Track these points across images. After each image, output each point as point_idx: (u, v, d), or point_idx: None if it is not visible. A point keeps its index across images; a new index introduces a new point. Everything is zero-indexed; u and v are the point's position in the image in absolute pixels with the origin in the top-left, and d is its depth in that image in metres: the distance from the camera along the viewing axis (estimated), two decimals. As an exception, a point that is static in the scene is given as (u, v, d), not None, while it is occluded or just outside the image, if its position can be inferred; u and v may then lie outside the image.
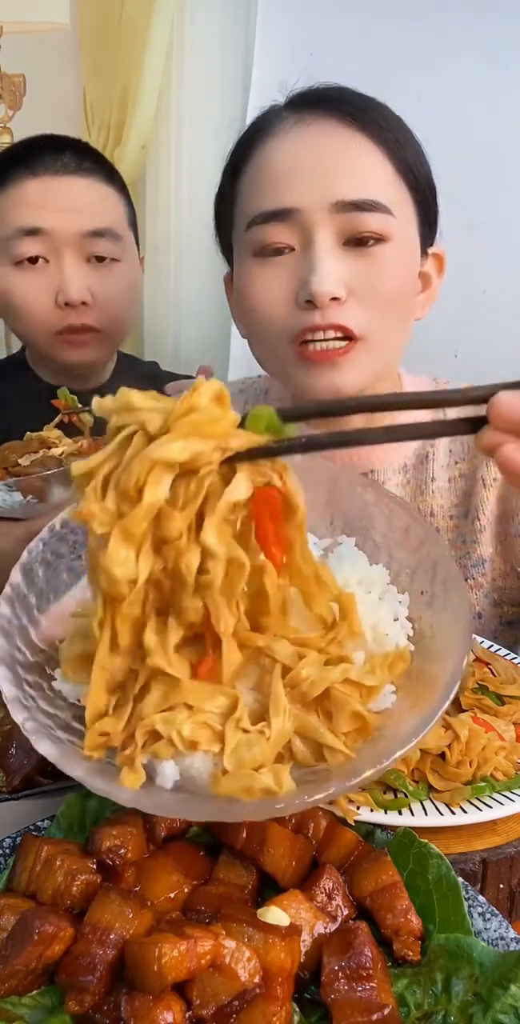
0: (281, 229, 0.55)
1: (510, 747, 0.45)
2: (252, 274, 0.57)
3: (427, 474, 0.65)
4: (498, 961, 0.30)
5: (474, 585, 0.66)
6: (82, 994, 0.29)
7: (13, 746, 0.41)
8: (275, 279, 0.56)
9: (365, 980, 0.29)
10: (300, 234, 0.55)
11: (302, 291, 0.54)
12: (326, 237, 0.54)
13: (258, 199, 0.56)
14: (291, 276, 0.55)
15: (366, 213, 0.54)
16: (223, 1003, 0.28)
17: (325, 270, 0.53)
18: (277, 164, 0.55)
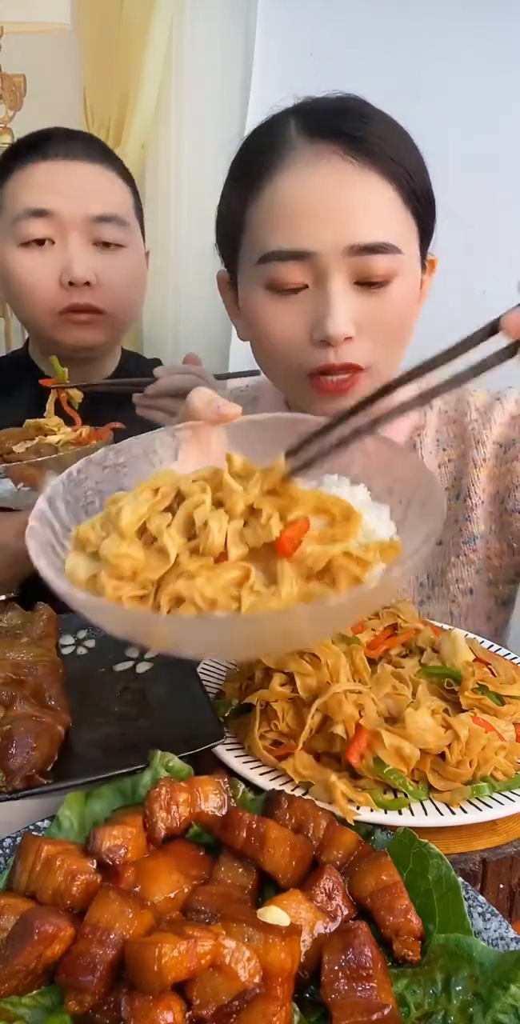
0: (296, 268, 0.56)
1: (510, 747, 0.45)
2: (266, 308, 0.59)
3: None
4: (498, 961, 0.30)
5: (466, 561, 0.67)
6: (82, 994, 0.29)
7: (13, 746, 0.41)
8: (289, 315, 0.58)
9: (365, 980, 0.29)
10: (314, 273, 0.57)
11: (317, 330, 0.57)
12: (339, 279, 0.56)
13: (272, 236, 0.57)
14: (305, 314, 0.57)
15: (378, 255, 0.56)
16: (223, 1003, 0.28)
17: (339, 312, 0.55)
18: (292, 203, 0.56)
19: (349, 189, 0.56)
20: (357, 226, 0.55)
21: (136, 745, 0.44)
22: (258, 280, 0.59)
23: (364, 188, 0.56)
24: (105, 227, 0.81)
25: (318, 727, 0.46)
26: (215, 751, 0.45)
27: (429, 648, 0.53)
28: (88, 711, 0.48)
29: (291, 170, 0.57)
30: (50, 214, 0.79)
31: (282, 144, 0.58)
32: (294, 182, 0.56)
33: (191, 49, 1.19)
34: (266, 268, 0.58)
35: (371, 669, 0.50)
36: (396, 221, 0.58)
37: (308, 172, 0.56)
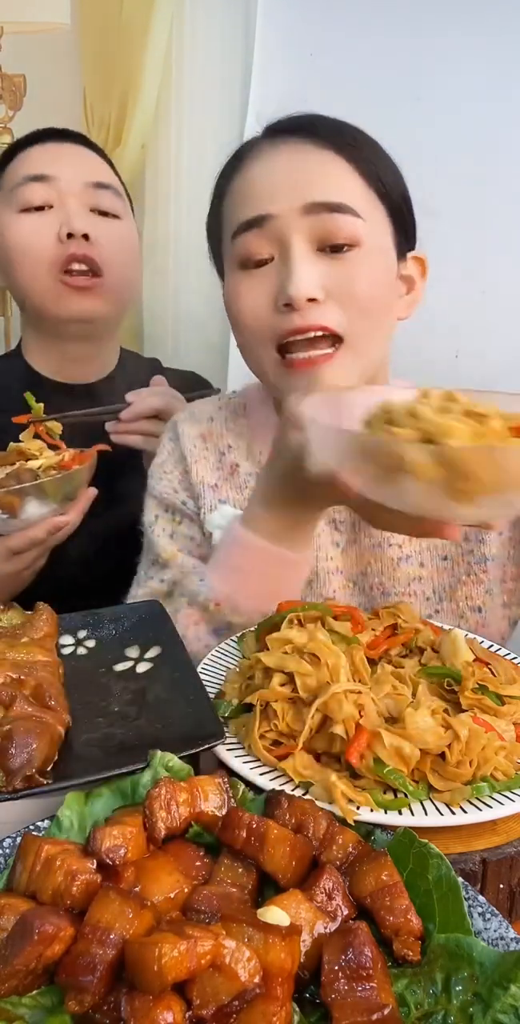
0: (260, 240, 0.60)
1: (510, 747, 0.45)
2: (237, 285, 0.62)
3: None
4: (498, 961, 0.30)
5: (476, 581, 0.68)
6: (82, 994, 0.29)
7: (13, 746, 0.41)
8: (257, 287, 0.60)
9: (365, 980, 0.29)
10: (278, 243, 0.59)
11: (281, 295, 0.59)
12: (301, 242, 0.58)
13: (238, 212, 0.61)
14: (271, 284, 0.60)
15: (336, 214, 0.58)
16: (223, 1003, 0.28)
17: (300, 273, 0.57)
18: (255, 180, 0.61)
19: (305, 161, 0.60)
20: (313, 186, 0.58)
21: (136, 745, 0.44)
22: (232, 264, 0.63)
23: (320, 159, 0.60)
24: (103, 194, 0.83)
25: (318, 727, 0.46)
26: (215, 751, 0.45)
27: (429, 648, 0.53)
28: (88, 711, 0.48)
29: (254, 157, 0.62)
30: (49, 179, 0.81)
31: (248, 145, 0.65)
32: (257, 164, 0.62)
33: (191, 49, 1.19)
34: (235, 245, 0.61)
35: (371, 669, 0.50)
36: (356, 191, 0.60)
37: (269, 154, 0.62)
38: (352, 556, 0.68)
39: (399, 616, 0.55)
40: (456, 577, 0.68)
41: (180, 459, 0.72)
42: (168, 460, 0.72)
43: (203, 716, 0.46)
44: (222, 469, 0.70)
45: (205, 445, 0.71)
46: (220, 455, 0.71)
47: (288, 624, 0.51)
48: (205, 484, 0.70)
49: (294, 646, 0.49)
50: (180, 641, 0.55)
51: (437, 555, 0.68)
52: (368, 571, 0.68)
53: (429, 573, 0.68)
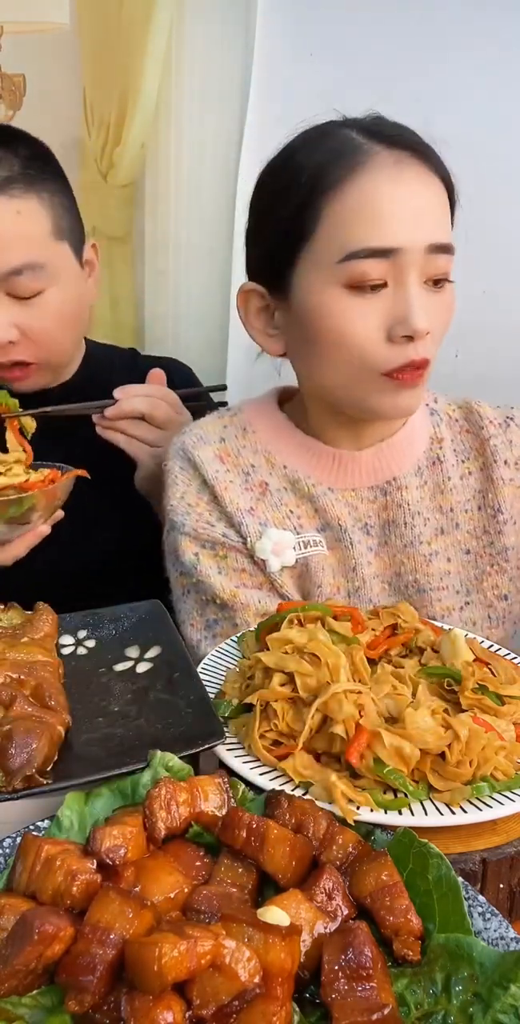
0: (380, 265, 0.59)
1: (510, 747, 0.45)
2: (344, 306, 0.60)
3: (443, 474, 0.70)
4: (498, 961, 0.30)
5: (499, 570, 0.70)
6: (82, 994, 0.29)
7: (13, 746, 0.41)
8: (369, 313, 0.60)
9: (365, 980, 0.29)
10: (394, 271, 0.59)
11: (400, 327, 0.59)
12: (416, 276, 0.60)
13: (362, 233, 0.58)
14: (383, 311, 0.60)
15: (444, 255, 0.61)
16: (223, 1003, 0.28)
17: (422, 308, 0.59)
18: (383, 202, 0.58)
19: (426, 192, 0.60)
20: (434, 226, 0.60)
21: (136, 745, 0.44)
22: (335, 280, 0.60)
23: (435, 192, 0.61)
24: (17, 280, 0.71)
25: (318, 727, 0.46)
26: (215, 751, 0.45)
27: (429, 648, 0.53)
28: (88, 711, 0.48)
29: (375, 172, 0.59)
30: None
31: (358, 149, 0.60)
32: (381, 183, 0.59)
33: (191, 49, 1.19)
34: (348, 266, 0.59)
35: (371, 669, 0.50)
36: (449, 226, 0.63)
37: (392, 174, 0.59)
38: (385, 558, 0.69)
39: (399, 616, 0.55)
40: (481, 569, 0.70)
41: (202, 487, 0.67)
42: (189, 491, 0.67)
43: (203, 716, 0.46)
44: (252, 490, 0.67)
45: (226, 467, 0.67)
46: (245, 476, 0.68)
47: (288, 624, 0.51)
48: (241, 510, 0.66)
49: (294, 646, 0.49)
50: (180, 641, 0.55)
51: (460, 550, 0.70)
52: (402, 570, 0.69)
53: (456, 568, 0.70)
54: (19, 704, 0.44)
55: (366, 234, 0.58)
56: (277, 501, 0.68)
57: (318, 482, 0.68)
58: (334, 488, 0.68)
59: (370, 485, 0.68)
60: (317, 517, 0.68)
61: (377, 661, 0.52)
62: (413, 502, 0.68)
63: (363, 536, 0.68)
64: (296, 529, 0.67)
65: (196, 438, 0.69)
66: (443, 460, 0.70)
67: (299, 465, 0.68)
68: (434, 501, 0.69)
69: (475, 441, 0.71)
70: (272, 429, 0.70)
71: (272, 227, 0.63)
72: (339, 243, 0.59)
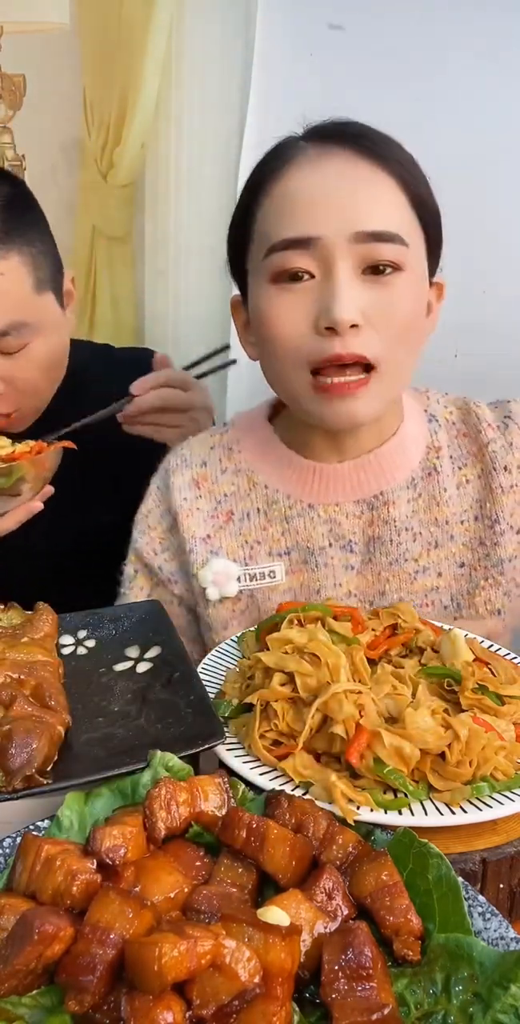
0: (302, 256, 0.56)
1: (510, 747, 0.45)
2: (271, 300, 0.58)
3: (439, 486, 0.66)
4: (498, 961, 0.30)
5: (493, 583, 0.67)
6: (82, 994, 0.29)
7: (13, 746, 0.41)
8: (293, 306, 0.57)
9: (365, 980, 0.29)
10: (320, 262, 0.56)
11: (323, 318, 0.56)
12: (346, 266, 0.56)
13: (280, 226, 0.57)
14: (309, 303, 0.56)
15: (384, 244, 0.56)
16: (223, 1003, 0.28)
17: (346, 298, 0.55)
18: (300, 193, 0.57)
19: (355, 180, 0.56)
20: (363, 213, 0.56)
21: (136, 745, 0.44)
22: (264, 275, 0.58)
23: (370, 179, 0.57)
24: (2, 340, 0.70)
25: (318, 727, 0.46)
26: (215, 751, 0.45)
27: (429, 648, 0.53)
28: (88, 711, 0.48)
29: (299, 166, 0.58)
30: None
31: (290, 148, 0.60)
32: (301, 175, 0.57)
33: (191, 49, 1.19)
34: (272, 259, 0.57)
35: (371, 669, 0.50)
36: (401, 217, 0.58)
37: (315, 165, 0.57)
38: (368, 577, 0.66)
39: (399, 616, 0.55)
40: (474, 583, 0.67)
41: (166, 512, 0.68)
42: (153, 512, 0.69)
43: (203, 716, 0.46)
44: (217, 517, 0.67)
45: (198, 492, 0.67)
46: (216, 503, 0.67)
47: (288, 624, 0.51)
48: (196, 538, 0.66)
49: (294, 646, 0.49)
50: (180, 641, 0.54)
51: (454, 563, 0.67)
52: (386, 588, 0.66)
53: (447, 583, 0.67)
54: (19, 704, 0.44)
55: (284, 226, 0.56)
56: (236, 531, 0.67)
57: (298, 499, 0.66)
58: (315, 504, 0.65)
59: (355, 499, 0.65)
60: (284, 539, 0.66)
61: (377, 661, 0.52)
62: (401, 518, 0.65)
63: (343, 554, 0.65)
64: (245, 561, 0.66)
65: (180, 460, 0.70)
66: (440, 471, 0.66)
67: (280, 483, 0.66)
68: (429, 514, 0.66)
69: (473, 445, 0.67)
70: (257, 446, 0.69)
71: (231, 235, 0.64)
72: (265, 239, 0.58)
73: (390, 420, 0.66)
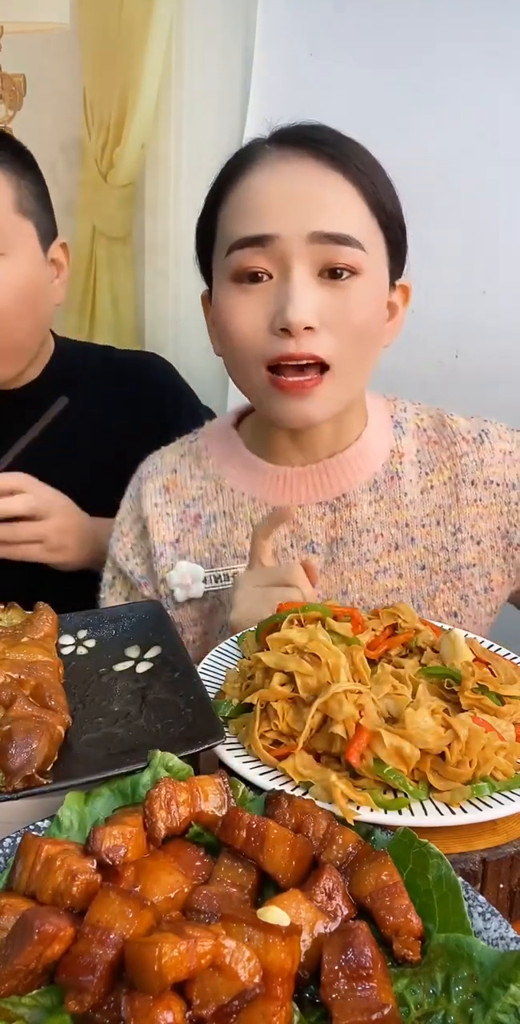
0: (260, 256, 0.58)
1: (510, 747, 0.45)
2: (230, 298, 0.60)
3: (400, 490, 0.68)
4: (498, 961, 0.30)
5: (451, 588, 0.69)
6: (82, 994, 0.29)
7: (13, 746, 0.41)
8: (252, 304, 0.59)
9: (365, 980, 0.29)
10: (278, 263, 0.58)
11: (278, 319, 0.58)
12: (302, 268, 0.57)
13: (239, 225, 0.59)
14: (267, 303, 0.58)
15: (340, 246, 0.57)
16: (223, 1003, 0.28)
17: (300, 300, 0.56)
18: (259, 194, 0.58)
19: (313, 183, 0.58)
20: (320, 214, 0.57)
21: (136, 745, 0.44)
22: (226, 273, 0.60)
23: (328, 183, 0.58)
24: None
25: (318, 727, 0.46)
26: (215, 751, 0.45)
27: (429, 648, 0.53)
28: (88, 711, 0.48)
29: (259, 168, 0.60)
30: None
31: (254, 150, 0.62)
32: (260, 177, 0.59)
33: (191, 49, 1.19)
34: (232, 258, 0.59)
35: (371, 669, 0.50)
36: (360, 221, 0.59)
37: (274, 167, 0.59)
38: (331, 577, 0.68)
39: (399, 616, 0.55)
40: (434, 586, 0.68)
41: (137, 519, 0.71)
42: (126, 519, 0.72)
43: (203, 716, 0.46)
44: (184, 521, 0.70)
45: (168, 498, 0.70)
46: (184, 508, 0.70)
47: (288, 624, 0.51)
48: (165, 543, 0.69)
49: (294, 646, 0.49)
50: (180, 641, 0.55)
51: (415, 565, 0.68)
52: (349, 588, 0.68)
53: (408, 584, 0.68)
54: (19, 704, 0.44)
55: (243, 225, 0.58)
56: (203, 534, 0.69)
57: (263, 502, 0.68)
58: (278, 506, 0.66)
59: (317, 502, 0.67)
60: (249, 541, 0.67)
61: (377, 661, 0.52)
62: (362, 519, 0.67)
63: (305, 555, 0.67)
64: (211, 564, 0.68)
65: (152, 467, 0.73)
66: (401, 475, 0.68)
67: (246, 487, 0.68)
68: (390, 516, 0.67)
69: (443, 453, 0.69)
70: (223, 452, 0.71)
71: (198, 233, 0.67)
72: (225, 239, 0.60)
73: (353, 423, 0.68)
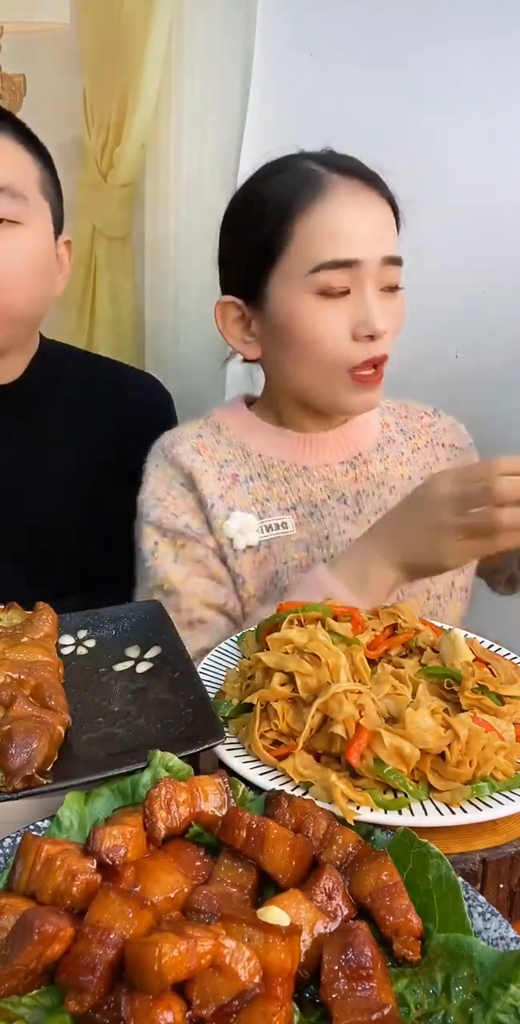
0: (344, 275, 0.69)
1: (510, 747, 0.45)
2: (314, 312, 0.69)
3: (397, 450, 0.80)
4: (498, 961, 0.30)
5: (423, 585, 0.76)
6: (82, 994, 0.29)
7: (13, 746, 0.41)
8: (334, 316, 0.69)
9: (365, 980, 0.29)
10: (355, 280, 0.69)
11: (362, 327, 0.69)
12: (374, 284, 0.70)
13: (328, 248, 0.69)
14: (349, 315, 0.70)
15: (395, 267, 0.71)
16: (223, 1003, 0.28)
17: (381, 312, 0.69)
18: (343, 223, 0.70)
19: (378, 213, 0.71)
20: (387, 241, 0.71)
21: (136, 745, 0.44)
22: (307, 289, 0.70)
23: (385, 213, 0.72)
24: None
25: (318, 727, 0.46)
26: (215, 751, 0.45)
27: (429, 648, 0.53)
28: (88, 711, 0.48)
29: (335, 198, 0.70)
30: None
31: (321, 179, 0.71)
32: (339, 207, 0.70)
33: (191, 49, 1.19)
34: (317, 277, 0.69)
35: (371, 669, 0.50)
36: (398, 242, 0.73)
37: (350, 199, 0.71)
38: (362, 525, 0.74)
39: (399, 616, 0.55)
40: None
41: (174, 478, 0.73)
42: (159, 486, 0.74)
43: (203, 716, 0.46)
44: (223, 480, 0.74)
45: (202, 458, 0.74)
46: (219, 467, 0.74)
47: (288, 624, 0.51)
48: (214, 495, 0.73)
49: (294, 646, 0.49)
50: (180, 641, 0.55)
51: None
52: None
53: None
54: (19, 704, 0.44)
55: (332, 249, 0.69)
56: (245, 491, 0.75)
57: (293, 463, 0.76)
58: (309, 466, 0.75)
59: (340, 460, 0.77)
60: (288, 496, 0.74)
61: (377, 661, 0.52)
62: (378, 474, 0.77)
63: (340, 506, 0.75)
64: (260, 515, 0.73)
65: (174, 437, 0.77)
66: (394, 440, 0.80)
67: (273, 451, 0.76)
68: (396, 471, 0.78)
69: (417, 424, 0.82)
70: (244, 424, 0.78)
71: (247, 249, 0.73)
72: (309, 258, 0.69)
73: None
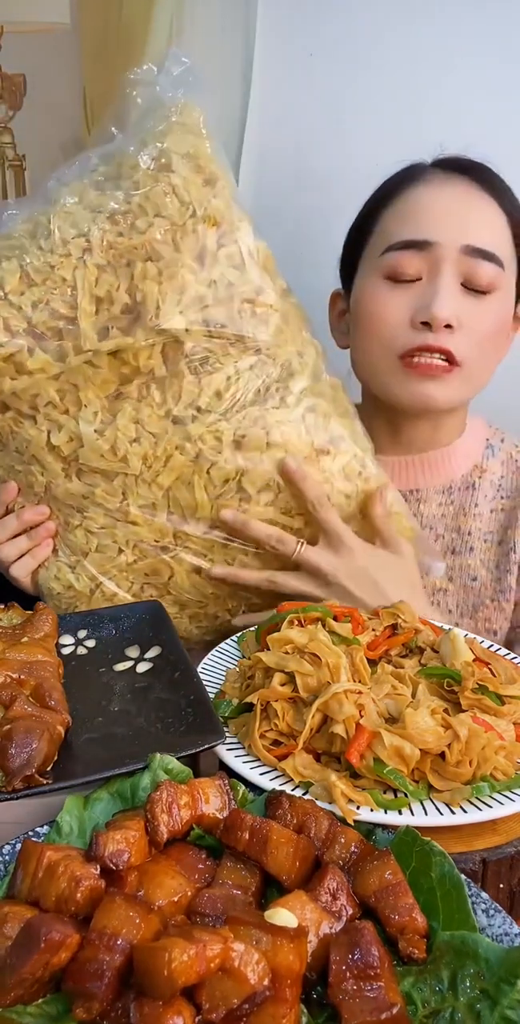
0: (415, 258, 0.64)
1: (510, 747, 0.45)
2: (379, 293, 0.65)
3: (472, 500, 0.73)
4: (504, 957, 0.31)
5: (497, 607, 0.72)
6: (90, 1001, 0.28)
7: (13, 746, 0.40)
8: (399, 300, 0.65)
9: (373, 979, 0.29)
10: (430, 266, 0.64)
11: (421, 312, 0.63)
12: (450, 274, 0.64)
13: (401, 229, 0.65)
14: (414, 299, 0.64)
15: (485, 261, 0.64)
16: (233, 1006, 0.27)
17: (445, 299, 0.63)
18: (421, 204, 0.65)
19: (471, 204, 0.65)
20: (473, 230, 0.64)
21: (136, 745, 0.44)
22: (378, 271, 0.66)
23: (483, 207, 0.66)
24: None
25: (318, 727, 0.46)
26: (215, 751, 0.45)
27: (429, 648, 0.53)
28: (88, 711, 0.48)
29: (425, 183, 0.67)
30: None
31: (418, 169, 0.69)
32: (426, 191, 0.66)
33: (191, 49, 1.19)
34: (387, 258, 0.65)
35: (371, 669, 0.50)
36: (502, 241, 0.66)
37: (439, 186, 0.66)
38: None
39: (399, 616, 0.56)
40: (481, 599, 0.71)
41: None
42: None
43: (203, 716, 0.46)
44: None
45: None
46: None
47: (288, 624, 0.51)
48: None
49: (294, 646, 0.49)
50: (180, 641, 0.54)
51: (467, 575, 0.72)
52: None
53: (456, 588, 0.71)
54: (19, 704, 0.44)
55: (404, 229, 0.64)
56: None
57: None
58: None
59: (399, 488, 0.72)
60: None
61: (377, 661, 0.52)
62: (428, 517, 0.72)
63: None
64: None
65: None
66: (477, 488, 0.73)
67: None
68: (454, 521, 0.72)
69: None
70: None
71: (347, 240, 0.73)
72: (384, 239, 0.66)
73: (450, 430, 0.73)
